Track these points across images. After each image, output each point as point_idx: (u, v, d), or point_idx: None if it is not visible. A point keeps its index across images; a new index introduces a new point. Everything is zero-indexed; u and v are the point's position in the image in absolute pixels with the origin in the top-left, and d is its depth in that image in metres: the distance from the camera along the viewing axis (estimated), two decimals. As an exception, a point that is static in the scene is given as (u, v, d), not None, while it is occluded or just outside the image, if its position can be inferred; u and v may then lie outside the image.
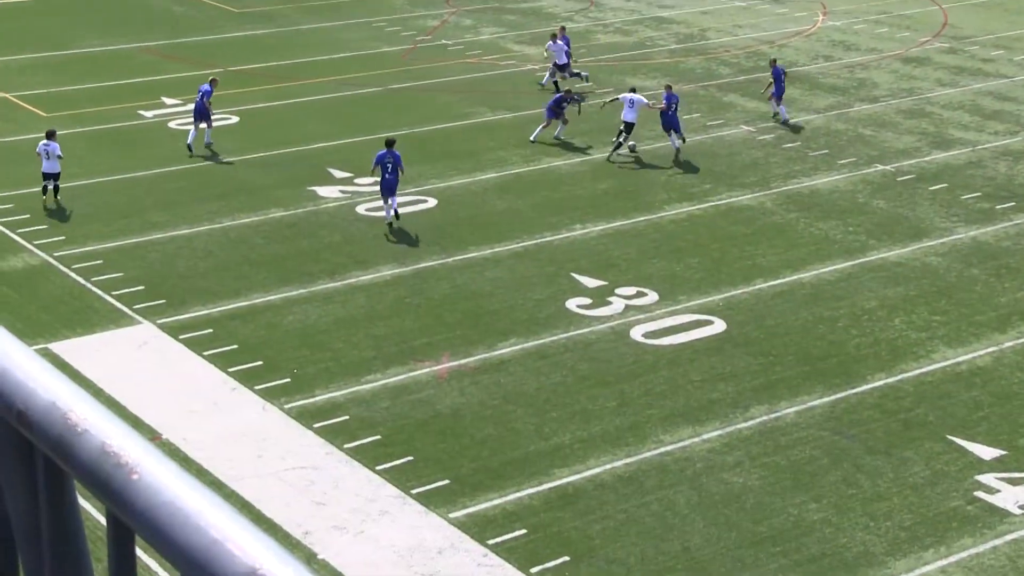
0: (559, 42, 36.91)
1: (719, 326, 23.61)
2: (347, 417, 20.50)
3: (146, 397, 20.93)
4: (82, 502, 1.97)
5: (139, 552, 1.88)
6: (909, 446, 19.86)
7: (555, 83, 36.65)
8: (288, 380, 21.60)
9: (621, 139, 31.97)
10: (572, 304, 24.35)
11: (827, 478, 19.07)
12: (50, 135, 28.95)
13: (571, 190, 30.07)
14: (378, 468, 19.13)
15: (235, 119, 34.84)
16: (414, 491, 18.62)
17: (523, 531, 17.81)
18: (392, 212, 27.72)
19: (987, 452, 19.71)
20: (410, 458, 19.43)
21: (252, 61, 38.14)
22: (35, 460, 1.91)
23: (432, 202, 29.31)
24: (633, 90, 32.83)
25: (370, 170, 28.44)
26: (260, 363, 22.11)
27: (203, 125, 32.13)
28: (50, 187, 28.66)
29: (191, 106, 35.81)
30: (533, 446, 19.82)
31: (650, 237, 27.50)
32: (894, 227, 28.11)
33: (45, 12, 46.87)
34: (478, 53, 41.34)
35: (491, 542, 17.54)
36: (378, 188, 27.95)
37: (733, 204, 29.36)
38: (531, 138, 32.90)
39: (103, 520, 1.84)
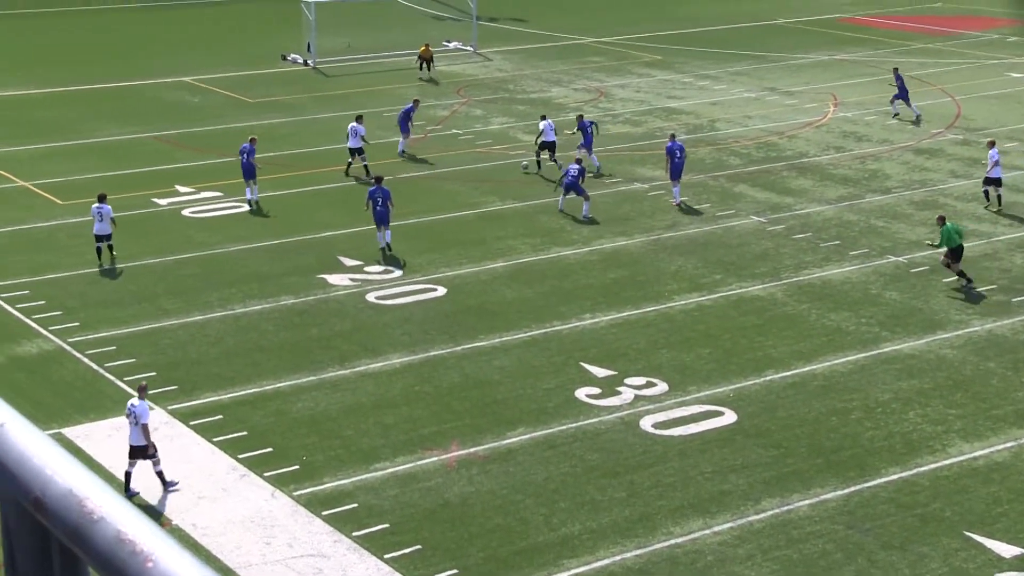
0: (360, 125, 37.83)
1: (730, 417, 23.49)
2: (355, 505, 20.36)
3: (156, 482, 20.83)
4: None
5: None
6: (926, 542, 19.62)
7: (365, 167, 37.44)
8: (297, 467, 21.50)
9: (541, 156, 37.86)
10: (581, 393, 24.27)
11: (841, 573, 18.83)
12: (102, 198, 30.54)
13: (580, 279, 30.13)
14: (386, 556, 18.97)
15: (247, 207, 35.07)
16: (422, 582, 18.42)
17: (532, 623, 17.58)
18: (386, 242, 31.27)
19: (1007, 550, 19.43)
20: (418, 547, 19.26)
21: (265, 150, 38.45)
22: (51, 547, 1.89)
23: (441, 290, 29.37)
24: (544, 117, 39.02)
25: (364, 204, 31.75)
26: (269, 450, 22.04)
27: (253, 182, 34.63)
28: (103, 247, 30.32)
29: (204, 194, 36.18)
30: (542, 536, 19.65)
31: (660, 327, 27.47)
32: (908, 319, 28.04)
33: (61, 102, 47.45)
34: (488, 143, 41.68)
35: (500, 634, 17.29)
36: (372, 221, 31.47)
37: (743, 294, 29.36)
38: (585, 215, 34.11)
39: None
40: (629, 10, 67.85)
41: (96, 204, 30.41)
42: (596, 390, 24.42)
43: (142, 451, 20.57)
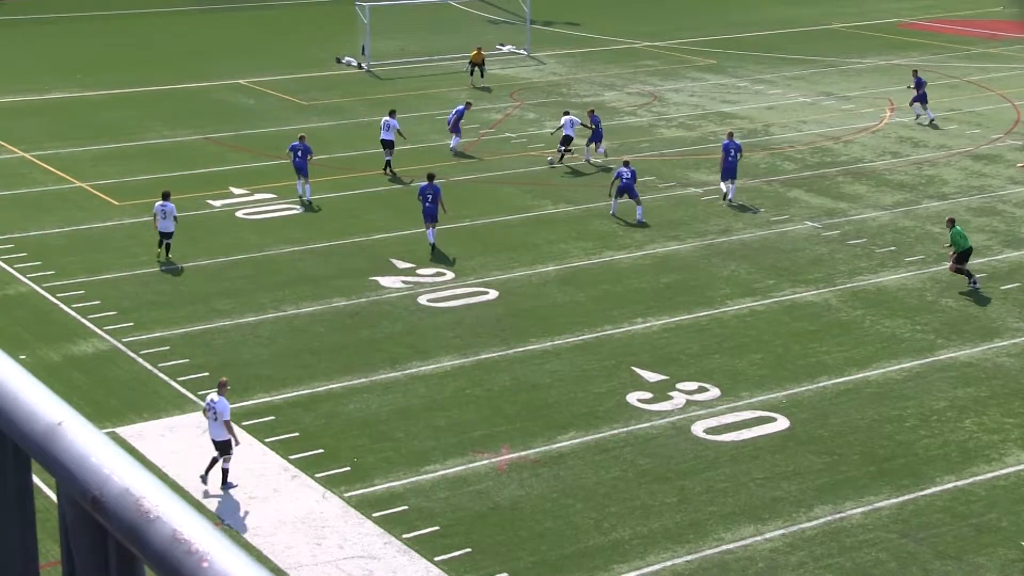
0: (392, 119, 38.66)
1: (782, 423, 23.35)
2: (406, 507, 20.41)
3: (208, 482, 20.98)
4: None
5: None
6: (981, 552, 19.39)
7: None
8: (348, 469, 21.58)
9: (563, 149, 39.07)
10: (632, 398, 24.20)
11: (894, 581, 18.65)
12: (166, 196, 31.04)
13: (633, 283, 30.05)
14: (436, 559, 18.99)
15: (299, 209, 35.29)
16: (472, 585, 18.43)
17: (582, 628, 17.54)
18: (431, 236, 31.55)
19: (1060, 558, 19.19)
20: (468, 550, 19.28)
21: (317, 152, 38.67)
22: (108, 545, 1.90)
23: (493, 294, 29.39)
24: (567, 112, 39.96)
25: (417, 199, 32.05)
26: (321, 451, 22.14)
27: (305, 180, 35.39)
28: (164, 243, 30.89)
29: (258, 196, 36.45)
30: (592, 540, 19.61)
31: (712, 332, 27.34)
32: (964, 326, 27.74)
33: (116, 105, 47.94)
34: (541, 146, 41.67)
35: (549, 639, 17.27)
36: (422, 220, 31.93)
37: (797, 300, 29.17)
38: (638, 219, 34.08)
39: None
40: (684, 14, 67.67)
41: (160, 203, 30.85)
42: (648, 395, 24.34)
43: (226, 445, 20.81)
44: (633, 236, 33.31)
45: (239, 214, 34.90)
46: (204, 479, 20.91)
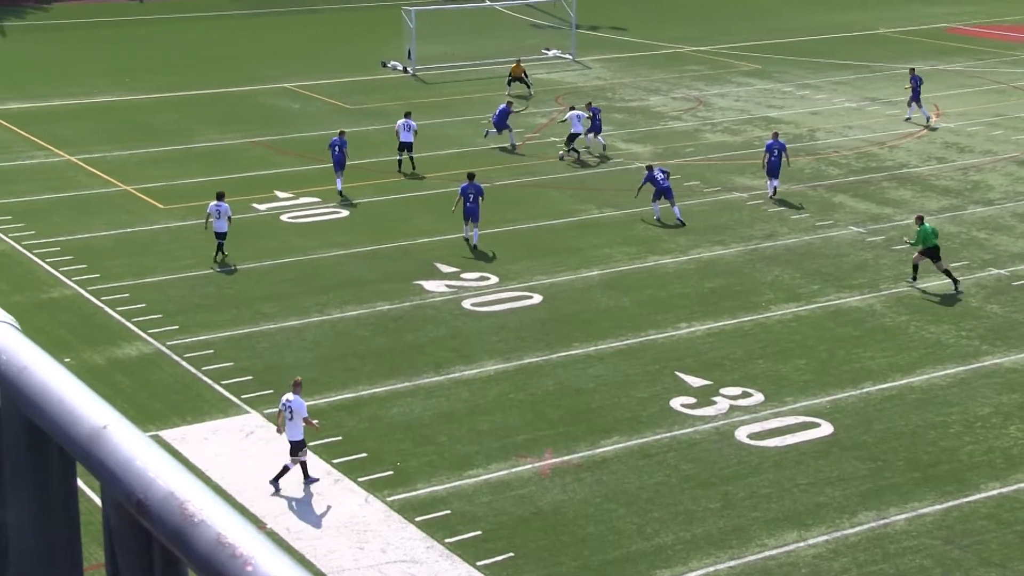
0: (411, 120, 39.27)
1: (826, 429, 23.21)
2: (449, 511, 20.44)
3: (251, 486, 21.10)
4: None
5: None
6: (1025, 559, 19.21)
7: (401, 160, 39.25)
8: (391, 473, 21.64)
9: (571, 145, 40.08)
10: (676, 403, 24.14)
11: (938, 589, 18.50)
12: (220, 196, 31.36)
13: (677, 288, 29.97)
14: (479, 564, 19.01)
15: (344, 212, 35.41)
16: (514, 589, 18.42)
17: (624, 634, 17.49)
18: (474, 238, 31.99)
19: (1107, 567, 18.98)
20: (511, 554, 19.28)
21: (362, 156, 38.80)
22: (152, 549, 1.92)
23: (537, 298, 29.38)
24: (573, 107, 41.19)
25: (454, 202, 32.45)
26: (364, 455, 22.21)
27: (341, 173, 35.99)
28: (218, 244, 31.18)
29: (303, 200, 36.59)
30: (635, 546, 19.57)
31: (756, 337, 27.22)
32: (1009, 332, 27.49)
33: (163, 108, 48.28)
34: (585, 150, 41.62)
35: (591, 644, 17.23)
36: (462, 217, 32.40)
37: (841, 306, 29.00)
38: (678, 219, 34.24)
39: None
40: (729, 19, 67.41)
41: (215, 203, 31.09)
42: (691, 400, 24.27)
43: (300, 445, 20.96)
44: (677, 241, 33.23)
45: (284, 218, 35.07)
46: (308, 480, 21.21)
